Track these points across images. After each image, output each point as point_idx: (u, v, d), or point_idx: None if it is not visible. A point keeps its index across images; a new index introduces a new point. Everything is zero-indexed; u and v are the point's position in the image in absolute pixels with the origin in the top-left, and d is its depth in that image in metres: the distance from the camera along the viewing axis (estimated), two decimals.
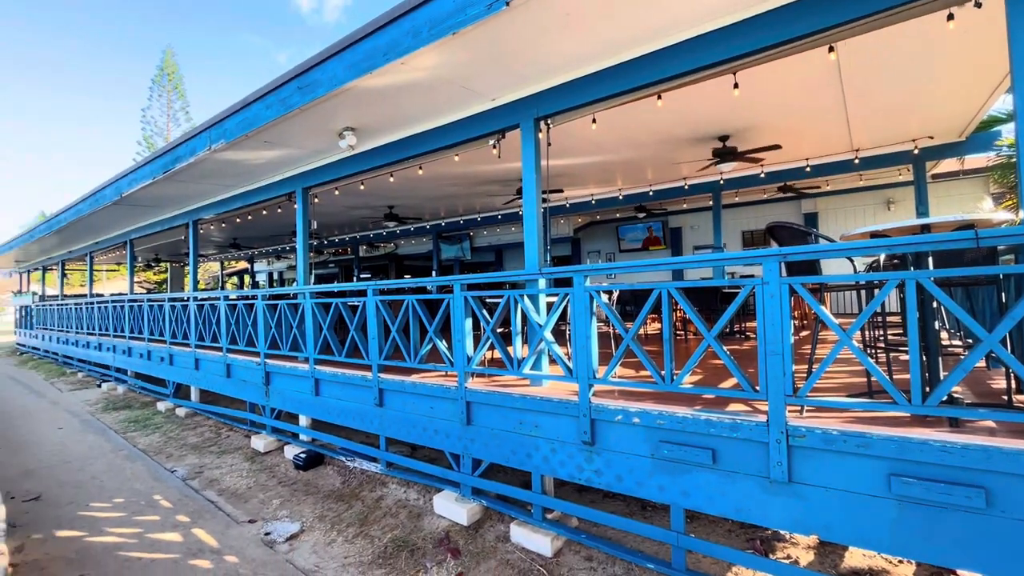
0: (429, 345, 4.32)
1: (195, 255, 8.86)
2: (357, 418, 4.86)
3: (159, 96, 36.70)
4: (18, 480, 5.10)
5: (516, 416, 3.55)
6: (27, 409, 8.64)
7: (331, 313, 5.17)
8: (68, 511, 4.35)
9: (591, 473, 3.16)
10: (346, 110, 4.50)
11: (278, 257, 19.59)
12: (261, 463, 5.45)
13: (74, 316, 13.32)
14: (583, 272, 3.25)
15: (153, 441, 6.45)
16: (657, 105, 4.46)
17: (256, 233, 13.79)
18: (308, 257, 6.20)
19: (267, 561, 3.47)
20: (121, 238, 11.44)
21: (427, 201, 10.05)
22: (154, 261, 20.63)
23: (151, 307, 9.12)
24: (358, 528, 3.86)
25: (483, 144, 4.81)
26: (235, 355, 6.61)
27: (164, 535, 3.88)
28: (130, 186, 7.29)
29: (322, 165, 6.08)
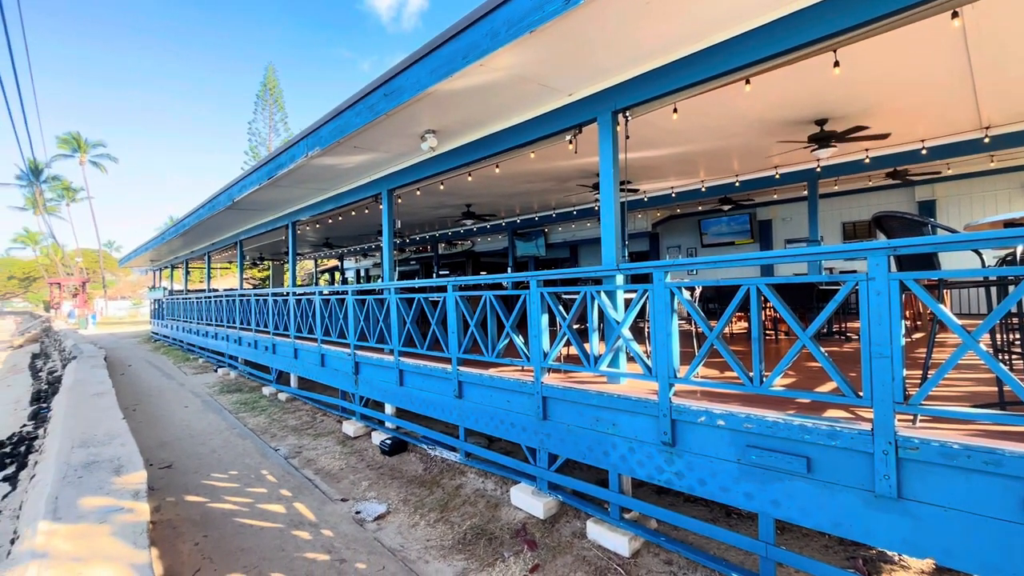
0: (506, 340, 4.40)
1: (294, 254, 9.67)
2: (437, 408, 5.07)
3: (262, 109, 40.33)
4: (155, 450, 5.88)
5: (592, 413, 3.53)
6: (161, 389, 9.93)
7: (414, 308, 5.43)
8: (193, 479, 4.96)
9: (671, 475, 3.07)
10: (428, 113, 4.68)
11: (364, 255, 20.84)
12: (351, 447, 5.85)
13: (194, 309, 15.08)
14: (664, 268, 3.15)
15: (260, 422, 7.15)
16: (745, 90, 4.20)
17: (345, 233, 14.78)
18: (393, 255, 6.55)
19: (358, 538, 3.73)
20: (232, 239, 12.76)
21: (503, 199, 10.20)
22: (259, 259, 22.79)
23: (257, 301, 10.10)
24: (439, 513, 4.03)
25: (559, 140, 4.80)
26: (328, 346, 7.15)
27: (270, 506, 4.30)
28: (240, 192, 8.11)
29: (405, 167, 6.38)
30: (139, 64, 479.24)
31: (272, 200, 8.75)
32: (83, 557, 2.68)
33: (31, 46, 6.96)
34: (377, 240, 16.45)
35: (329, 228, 13.31)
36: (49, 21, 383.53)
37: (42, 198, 46.65)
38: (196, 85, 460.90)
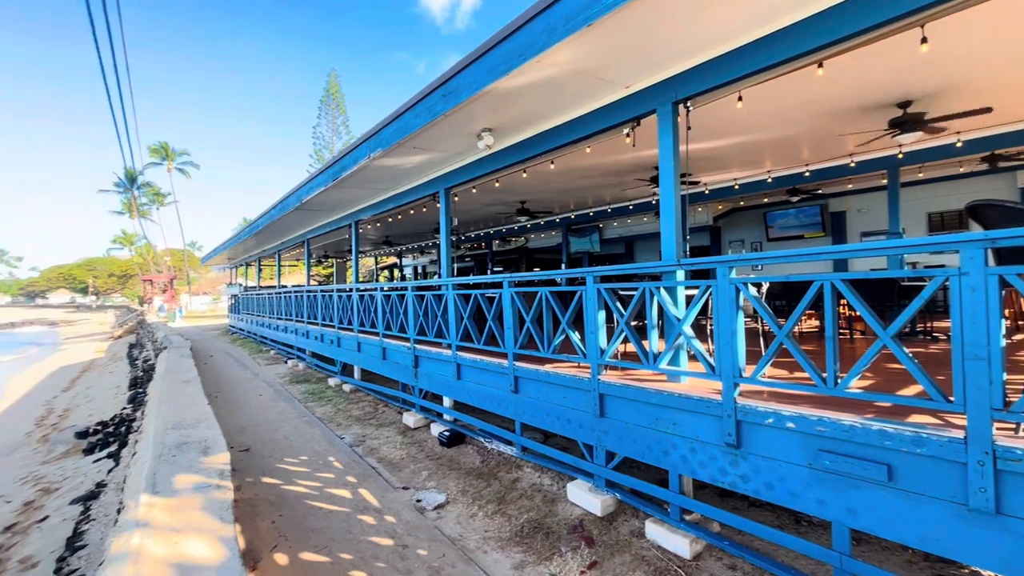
0: (562, 336, 4.40)
1: (356, 252, 10.11)
2: (494, 403, 5.15)
3: (325, 114, 42.33)
4: (234, 434, 6.35)
5: (652, 412, 3.46)
6: (239, 378, 10.71)
7: (470, 304, 5.54)
8: (268, 463, 5.32)
9: (735, 478, 2.96)
10: (484, 112, 4.75)
11: (422, 252, 21.43)
12: (411, 437, 6.07)
13: (266, 304, 16.11)
14: (728, 263, 3.04)
15: (326, 411, 7.56)
16: (817, 74, 3.95)
17: (404, 231, 15.26)
18: (450, 252, 6.70)
19: (419, 525, 3.88)
20: (300, 238, 13.51)
21: (557, 194, 10.16)
22: (324, 257, 23.97)
23: (322, 297, 10.65)
24: (496, 506, 4.11)
25: (616, 133, 4.73)
26: (390, 339, 7.43)
27: (338, 491, 4.55)
28: (307, 193, 8.57)
29: (461, 166, 6.51)
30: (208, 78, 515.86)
31: (336, 201, 9.18)
32: (178, 528, 2.95)
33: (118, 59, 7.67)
34: (433, 238, 16.87)
35: (388, 227, 13.79)
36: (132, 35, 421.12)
37: (136, 203, 51.37)
38: (259, 93, 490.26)
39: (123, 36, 6.75)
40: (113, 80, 8.22)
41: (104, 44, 6.90)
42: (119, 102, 8.32)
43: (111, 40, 6.58)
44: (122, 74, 8.09)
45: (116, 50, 7.67)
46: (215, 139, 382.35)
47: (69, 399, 14.47)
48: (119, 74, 7.42)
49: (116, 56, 7.13)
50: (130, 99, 8.75)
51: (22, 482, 7.86)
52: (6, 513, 6.60)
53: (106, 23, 6.76)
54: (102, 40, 7.04)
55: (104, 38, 6.83)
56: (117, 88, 7.09)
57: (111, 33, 6.70)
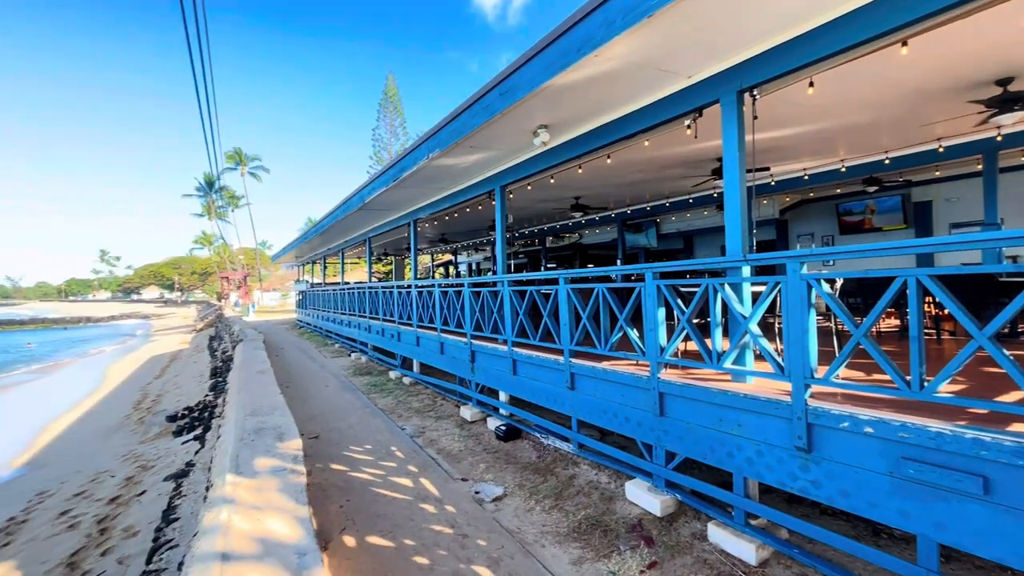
0: (619, 333, 4.34)
1: (415, 249, 10.43)
2: (550, 399, 5.17)
3: (383, 116, 43.79)
4: (305, 422, 6.75)
5: (715, 412, 3.36)
6: (307, 370, 11.35)
7: (526, 300, 5.58)
8: (336, 450, 5.62)
9: (806, 483, 2.82)
10: (541, 109, 4.76)
11: (476, 249, 21.75)
12: (469, 430, 6.21)
13: (330, 299, 16.94)
14: (799, 258, 2.89)
15: (388, 403, 7.87)
16: (900, 54, 3.65)
17: (459, 229, 15.56)
18: (506, 248, 6.78)
19: (478, 516, 3.97)
20: (362, 237, 14.09)
21: (613, 189, 10.00)
22: (383, 255, 24.86)
23: (383, 293, 11.07)
24: (553, 501, 4.14)
25: (677, 125, 4.60)
26: (447, 334, 7.62)
27: (400, 479, 4.74)
28: (370, 194, 8.92)
29: (517, 163, 6.55)
30: (269, 82, 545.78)
31: (396, 200, 9.50)
32: (260, 506, 3.20)
33: None
34: (488, 235, 17.07)
35: (445, 224, 14.10)
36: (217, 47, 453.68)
37: (214, 206, 55.48)
38: (320, 97, 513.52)
39: (209, 51, 7.33)
40: (195, 90, 8.98)
41: (193, 53, 7.50)
42: (207, 114, 9.05)
43: (201, 54, 7.16)
44: (198, 82, 8.77)
45: (190, 60, 8.34)
46: (279, 142, 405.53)
47: (160, 385, 15.91)
48: (208, 85, 8.06)
49: (205, 69, 7.80)
50: (214, 110, 9.57)
51: (123, 459, 8.75)
52: (111, 486, 7.37)
53: (199, 41, 7.35)
54: (193, 50, 7.67)
55: (188, 48, 7.43)
56: (206, 100, 7.76)
57: (201, 48, 7.27)
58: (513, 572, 3.19)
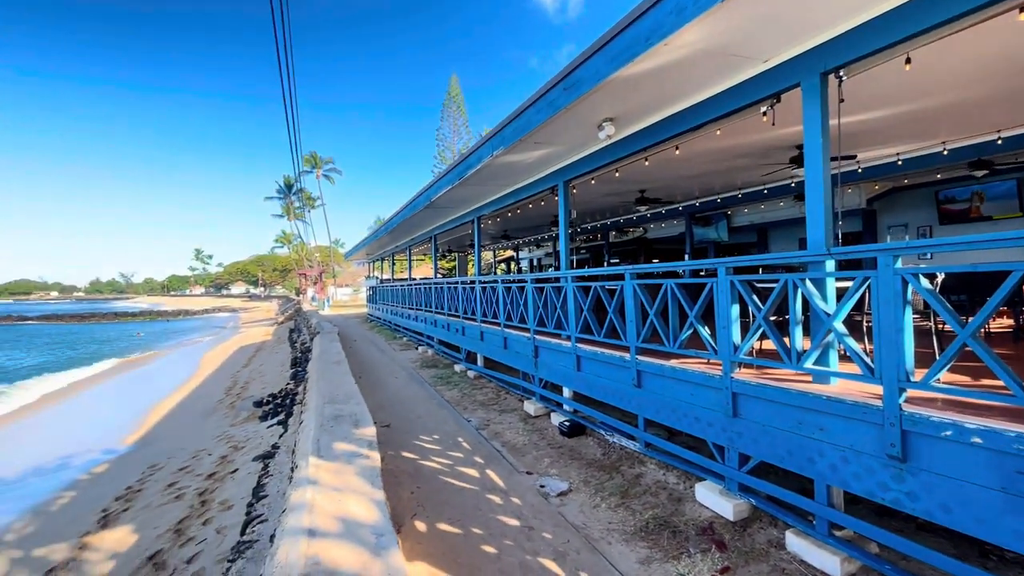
0: (689, 330, 4.21)
1: (478, 245, 10.63)
2: (615, 396, 5.11)
3: (447, 116, 44.82)
4: (376, 411, 7.10)
5: (794, 415, 3.18)
6: (377, 361, 11.91)
7: (590, 296, 5.53)
8: (406, 439, 5.87)
9: (900, 495, 2.61)
10: (606, 102, 4.69)
11: (538, 245, 21.79)
12: (532, 425, 6.27)
13: (398, 295, 17.64)
14: (892, 251, 2.67)
15: (453, 395, 8.10)
16: (1018, 20, 3.26)
17: (521, 225, 15.65)
18: (569, 244, 6.75)
19: (542, 509, 4.01)
20: (428, 234, 14.54)
21: (681, 181, 9.66)
22: (447, 251, 25.52)
23: (448, 288, 11.37)
24: (619, 499, 4.09)
25: (751, 113, 4.37)
26: (510, 329, 7.72)
27: (467, 470, 4.88)
28: (436, 192, 9.19)
29: (580, 158, 6.49)
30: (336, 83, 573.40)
31: (461, 198, 9.72)
32: (340, 488, 3.41)
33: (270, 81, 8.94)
34: (550, 230, 17.05)
35: (507, 221, 14.24)
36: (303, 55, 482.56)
37: (293, 207, 59.35)
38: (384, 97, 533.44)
39: (293, 62, 7.87)
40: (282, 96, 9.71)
41: (281, 63, 8.05)
42: (291, 119, 9.74)
43: (288, 63, 7.71)
44: (285, 90, 9.41)
45: (279, 70, 8.94)
46: (348, 145, 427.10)
47: (248, 374, 17.30)
48: (291, 91, 8.65)
49: (290, 77, 8.41)
50: (297, 117, 10.35)
51: (218, 439, 9.62)
52: (209, 463, 8.13)
53: (285, 53, 7.89)
54: (252, 55, 8.23)
55: (278, 58, 7.96)
56: (291, 106, 8.37)
57: (288, 59, 7.81)
58: (579, 567, 3.20)
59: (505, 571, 3.17)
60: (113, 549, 5.81)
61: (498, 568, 3.21)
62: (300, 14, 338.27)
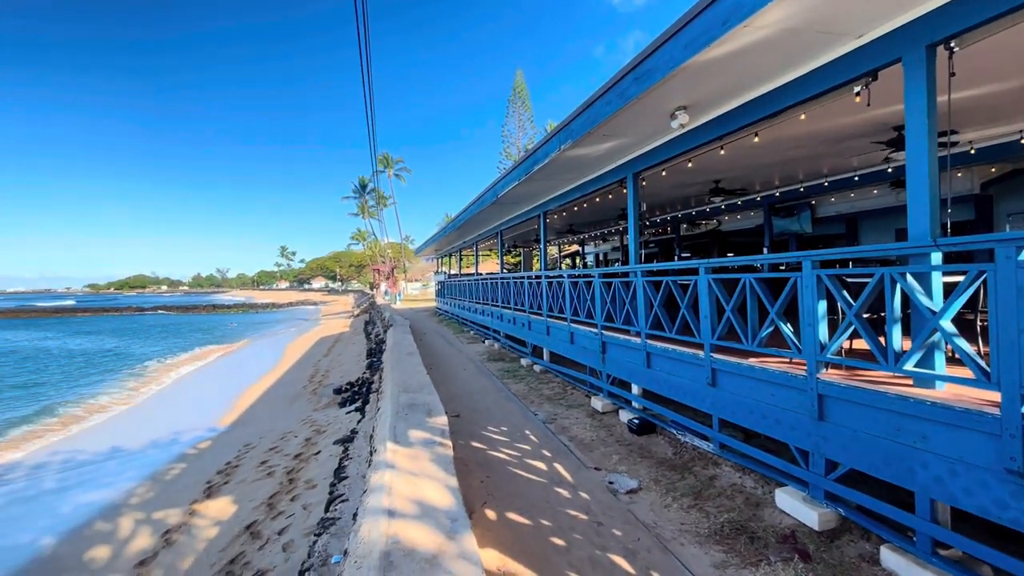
0: (770, 328, 3.99)
1: (544, 240, 10.64)
2: (687, 394, 4.95)
3: (512, 112, 45.03)
4: (447, 401, 7.34)
5: (891, 420, 2.93)
6: (446, 354, 12.30)
7: (661, 291, 5.38)
8: (475, 429, 6.03)
9: (1022, 514, 2.33)
10: (679, 90, 4.52)
11: (604, 239, 21.43)
12: (600, 421, 6.21)
13: (465, 289, 18.05)
14: (1014, 242, 2.37)
15: (520, 388, 8.20)
16: None
17: (587, 219, 15.47)
18: (639, 238, 6.59)
19: (612, 506, 3.98)
20: (494, 230, 14.75)
21: (759, 170, 9.11)
22: (512, 247, 25.75)
23: (514, 283, 11.49)
24: (692, 500, 3.97)
25: (842, 93, 4.04)
26: (577, 324, 7.67)
27: (534, 462, 4.93)
28: (502, 188, 9.30)
29: (651, 149, 6.31)
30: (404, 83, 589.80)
31: (527, 193, 9.77)
32: (415, 473, 3.58)
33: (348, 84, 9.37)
34: (617, 224, 16.72)
35: (573, 215, 14.13)
36: None
37: (366, 206, 62.36)
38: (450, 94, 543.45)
39: (370, 67, 8.27)
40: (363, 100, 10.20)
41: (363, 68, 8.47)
42: (369, 123, 10.25)
43: (368, 72, 8.13)
44: (366, 94, 9.85)
45: (361, 74, 9.36)
46: (416, 141, 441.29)
47: (328, 363, 18.48)
48: (369, 95, 9.10)
49: (369, 86, 8.85)
50: (374, 120, 10.89)
51: (302, 423, 10.37)
52: (295, 445, 8.79)
53: (365, 59, 8.29)
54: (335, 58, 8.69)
55: (361, 63, 8.39)
56: (369, 114, 8.82)
57: (367, 68, 8.22)
58: (650, 566, 3.15)
59: (574, 564, 3.19)
60: (216, 517, 6.46)
61: (567, 560, 3.23)
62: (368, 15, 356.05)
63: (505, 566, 3.19)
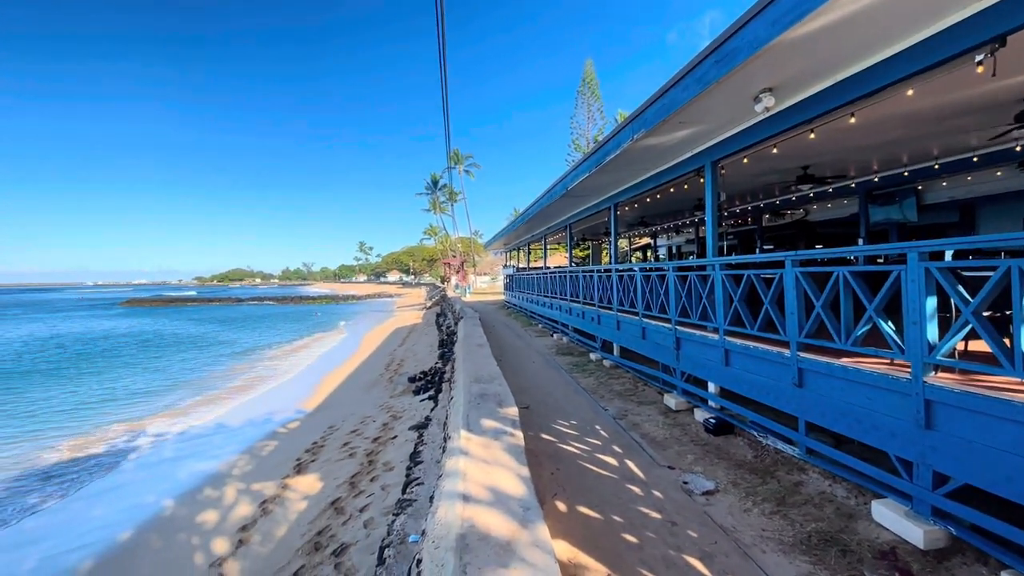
0: (866, 326, 3.66)
1: (615, 233, 10.43)
2: (770, 395, 4.67)
3: (581, 104, 44.30)
4: (516, 393, 7.42)
5: (1017, 432, 2.60)
6: (515, 346, 12.45)
7: (742, 285, 5.11)
8: (544, 422, 6.07)
9: None
10: (764, 71, 4.25)
11: (677, 231, 20.61)
12: (673, 419, 6.02)
13: (534, 283, 18.11)
14: None
15: (589, 383, 8.13)
16: None
17: (660, 211, 14.96)
18: (717, 229, 6.29)
19: (686, 506, 3.86)
20: (563, 223, 14.66)
21: (855, 154, 8.34)
22: (581, 240, 25.47)
23: (583, 277, 11.37)
24: (775, 506, 3.76)
25: (960, 64, 3.60)
26: (649, 319, 7.47)
27: (605, 457, 4.88)
28: (572, 181, 9.22)
29: (731, 135, 5.97)
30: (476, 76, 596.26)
31: (598, 185, 9.62)
32: (488, 461, 3.68)
33: None
34: (692, 216, 16.02)
35: (645, 207, 13.72)
36: None
37: (438, 201, 64.29)
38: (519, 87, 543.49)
39: (446, 69, 8.51)
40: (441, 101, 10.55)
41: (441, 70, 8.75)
42: (446, 122, 10.57)
43: (445, 75, 8.39)
44: (444, 95, 10.15)
45: (439, 75, 9.67)
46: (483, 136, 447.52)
47: (403, 352, 19.34)
48: (446, 95, 9.37)
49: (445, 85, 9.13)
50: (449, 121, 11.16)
51: (380, 408, 10.95)
52: (374, 428, 9.31)
53: (443, 65, 8.58)
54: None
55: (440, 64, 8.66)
56: (445, 109, 9.08)
57: (445, 68, 8.47)
58: (728, 571, 3.02)
59: (647, 562, 3.13)
60: (305, 491, 7.01)
61: (639, 558, 3.18)
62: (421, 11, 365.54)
63: (576, 558, 3.20)
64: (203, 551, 5.85)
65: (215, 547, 5.89)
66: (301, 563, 5.05)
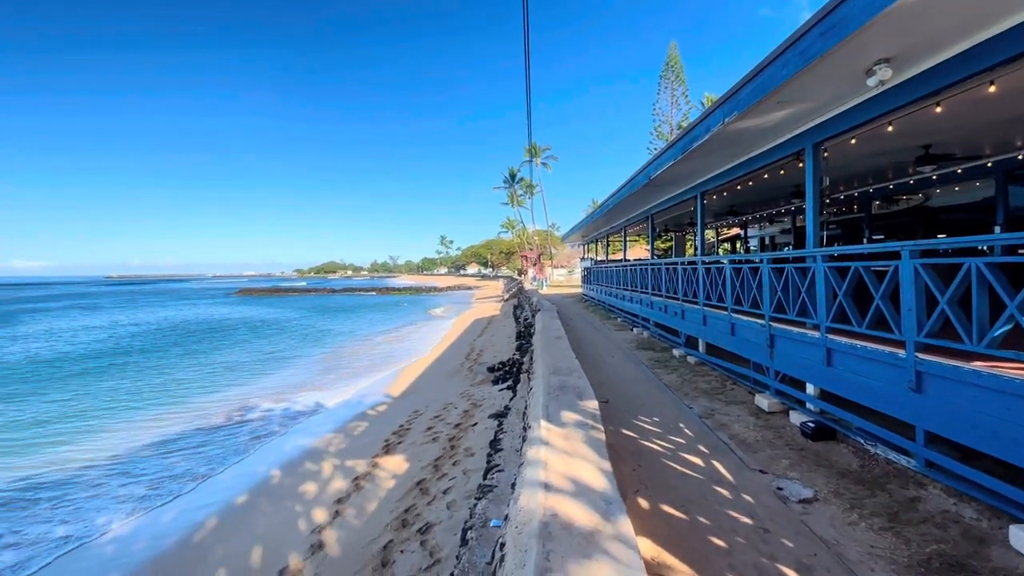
0: (1007, 325, 3.19)
1: (702, 223, 9.93)
2: (880, 399, 4.24)
3: (664, 88, 42.40)
4: (595, 387, 7.31)
5: None
6: (594, 340, 12.31)
7: (847, 278, 4.66)
8: (624, 417, 5.96)
9: None
10: (881, 40, 3.81)
11: (771, 221, 19.19)
12: (766, 421, 5.65)
13: (613, 275, 17.73)
14: None
15: (672, 380, 7.85)
16: None
17: (751, 199, 13.97)
18: (818, 218, 5.78)
19: (781, 514, 3.62)
20: (644, 214, 14.20)
21: (992, 128, 7.23)
22: (663, 231, 24.51)
23: (666, 269, 10.95)
24: (886, 521, 3.41)
25: None
26: (738, 315, 7.05)
27: (690, 457, 4.70)
28: (656, 170, 8.89)
29: (837, 114, 5.44)
30: None
31: (683, 173, 9.19)
32: (568, 452, 3.69)
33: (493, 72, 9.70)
34: (788, 204, 14.82)
35: (735, 195, 12.89)
36: None
37: (515, 195, 64.87)
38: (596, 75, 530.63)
39: (530, 65, 8.56)
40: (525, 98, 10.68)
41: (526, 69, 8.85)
42: (529, 117, 10.67)
43: (528, 72, 8.45)
44: (528, 91, 10.24)
45: (525, 73, 9.76)
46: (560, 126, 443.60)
47: (482, 343, 19.83)
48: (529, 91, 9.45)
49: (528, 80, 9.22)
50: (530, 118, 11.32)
51: (460, 396, 11.33)
52: (455, 415, 9.66)
53: (527, 62, 8.67)
54: None
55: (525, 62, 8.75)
56: (528, 105, 9.21)
57: (528, 65, 8.55)
58: None
59: (736, 568, 2.99)
60: (393, 471, 7.45)
61: (728, 563, 3.04)
62: None
63: (659, 557, 3.13)
64: (305, 519, 6.43)
65: (315, 516, 6.45)
66: (390, 538, 5.39)
